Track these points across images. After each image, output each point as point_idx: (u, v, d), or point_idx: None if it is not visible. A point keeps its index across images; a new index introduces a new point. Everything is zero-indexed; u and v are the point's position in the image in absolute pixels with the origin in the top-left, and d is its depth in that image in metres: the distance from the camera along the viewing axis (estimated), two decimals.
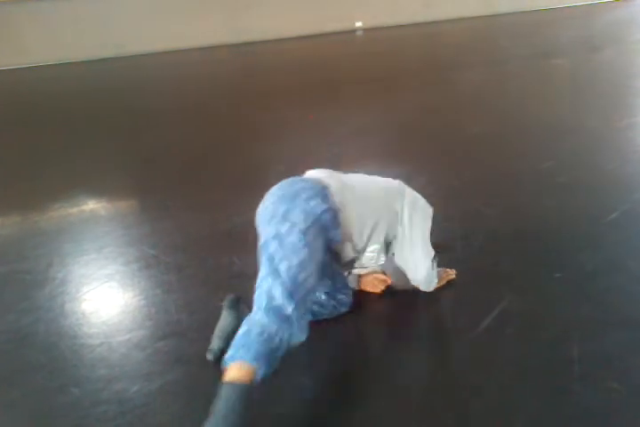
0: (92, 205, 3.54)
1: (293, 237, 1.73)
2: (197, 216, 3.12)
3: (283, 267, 1.70)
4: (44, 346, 2.21)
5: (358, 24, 10.34)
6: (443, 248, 2.73)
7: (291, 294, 1.68)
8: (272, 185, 2.03)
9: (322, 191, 1.87)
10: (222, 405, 1.51)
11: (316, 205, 1.82)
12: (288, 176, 2.05)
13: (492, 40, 8.32)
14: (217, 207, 3.19)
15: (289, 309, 1.66)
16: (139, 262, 2.75)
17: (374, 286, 2.37)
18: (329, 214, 1.83)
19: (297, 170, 1.96)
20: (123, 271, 2.71)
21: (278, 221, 1.78)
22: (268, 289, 1.68)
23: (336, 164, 3.80)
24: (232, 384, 1.55)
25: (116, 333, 2.27)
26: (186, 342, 2.17)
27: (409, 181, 3.49)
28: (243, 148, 4.27)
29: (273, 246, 1.74)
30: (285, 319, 1.65)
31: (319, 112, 4.98)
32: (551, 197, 3.24)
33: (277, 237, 1.75)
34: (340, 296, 2.22)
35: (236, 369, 1.57)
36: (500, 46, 7.70)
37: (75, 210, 3.47)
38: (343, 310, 2.25)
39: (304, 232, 1.75)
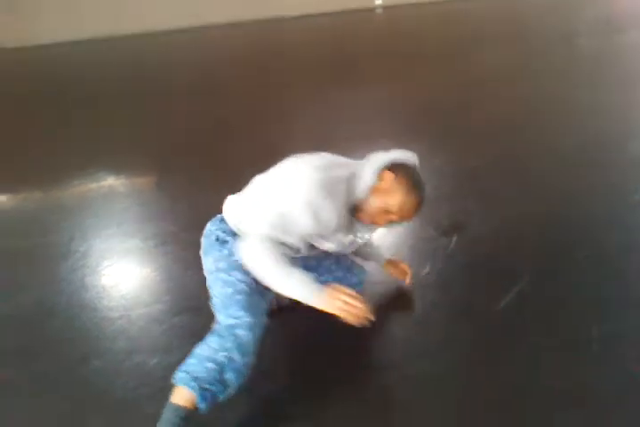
0: (111, 182, 3.57)
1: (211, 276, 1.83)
2: (215, 194, 3.10)
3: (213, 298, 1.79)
4: (67, 318, 2.26)
5: (378, 2, 10.18)
6: (459, 228, 2.75)
7: (219, 310, 1.75)
8: None
9: (226, 228, 1.86)
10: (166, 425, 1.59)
11: (225, 241, 1.84)
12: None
13: (514, 19, 8.16)
14: (235, 185, 3.19)
15: (220, 318, 1.73)
16: (157, 238, 2.78)
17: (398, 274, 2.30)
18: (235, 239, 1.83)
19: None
20: (142, 247, 2.74)
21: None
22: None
23: (351, 142, 3.81)
24: (176, 406, 1.60)
25: (135, 306, 2.32)
26: (202, 318, 2.19)
27: (428, 160, 3.51)
28: (261, 126, 4.25)
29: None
30: (228, 328, 1.69)
31: (336, 90, 4.94)
32: (573, 177, 3.21)
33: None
34: (350, 280, 2.18)
35: (182, 394, 1.61)
36: (521, 26, 7.55)
37: (95, 186, 3.50)
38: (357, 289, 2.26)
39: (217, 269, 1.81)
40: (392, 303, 2.29)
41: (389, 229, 2.04)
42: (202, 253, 1.89)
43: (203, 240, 1.91)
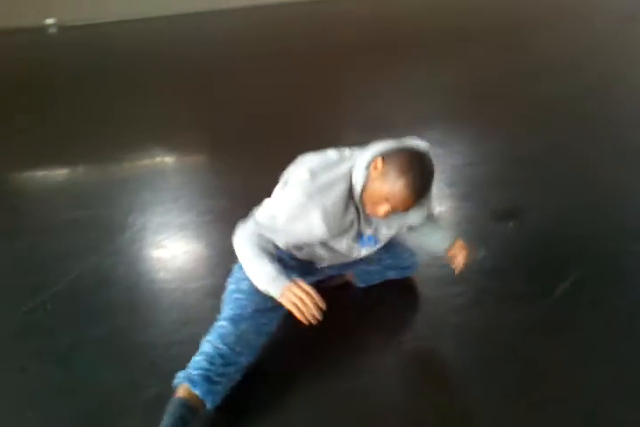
0: (167, 158, 3.64)
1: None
2: (269, 171, 3.15)
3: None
4: (124, 288, 2.34)
5: None
6: (515, 214, 2.71)
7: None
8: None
9: None
10: (167, 417, 1.62)
11: None
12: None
13: None
14: (286, 163, 3.23)
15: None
16: (212, 214, 2.83)
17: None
18: None
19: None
20: (197, 222, 2.80)
21: None
22: None
23: (403, 124, 3.77)
24: (174, 399, 1.66)
25: (190, 279, 2.38)
26: None
27: (482, 145, 3.47)
28: (311, 105, 4.24)
29: None
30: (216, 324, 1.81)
31: (385, 71, 4.87)
32: (633, 167, 3.11)
33: None
34: (401, 264, 2.22)
35: (186, 392, 1.67)
36: (584, 5, 7.24)
37: (152, 161, 3.58)
38: (410, 272, 2.28)
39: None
40: (444, 288, 2.28)
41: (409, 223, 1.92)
42: None
43: None
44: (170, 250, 2.59)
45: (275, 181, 1.86)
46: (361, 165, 1.65)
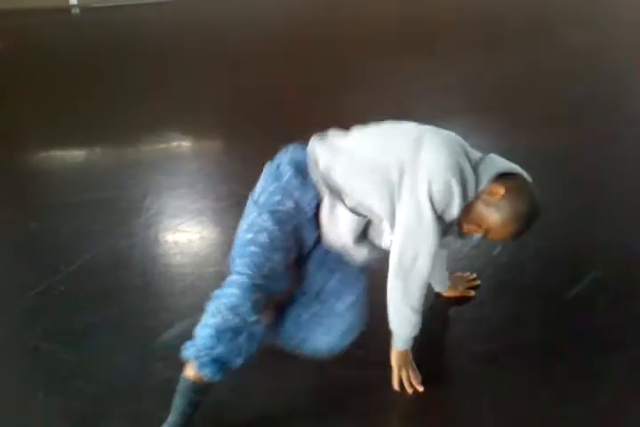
0: (184, 142, 3.63)
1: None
2: None
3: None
4: (139, 271, 2.33)
5: None
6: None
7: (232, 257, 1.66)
8: None
9: (297, 159, 1.77)
10: (179, 399, 1.57)
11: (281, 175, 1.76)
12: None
13: None
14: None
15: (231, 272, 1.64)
16: (229, 200, 2.81)
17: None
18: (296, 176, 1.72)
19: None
20: (213, 207, 2.79)
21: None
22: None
23: (428, 114, 3.71)
24: (183, 378, 1.58)
25: (206, 264, 2.37)
26: None
27: (504, 140, 3.41)
28: (333, 94, 4.19)
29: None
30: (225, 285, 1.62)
31: (414, 63, 4.81)
32: None
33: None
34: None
35: (195, 374, 1.55)
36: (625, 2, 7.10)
37: (168, 145, 3.57)
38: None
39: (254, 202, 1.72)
40: None
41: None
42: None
43: (265, 165, 1.82)
44: (186, 234, 2.58)
45: None
46: (481, 179, 1.56)
